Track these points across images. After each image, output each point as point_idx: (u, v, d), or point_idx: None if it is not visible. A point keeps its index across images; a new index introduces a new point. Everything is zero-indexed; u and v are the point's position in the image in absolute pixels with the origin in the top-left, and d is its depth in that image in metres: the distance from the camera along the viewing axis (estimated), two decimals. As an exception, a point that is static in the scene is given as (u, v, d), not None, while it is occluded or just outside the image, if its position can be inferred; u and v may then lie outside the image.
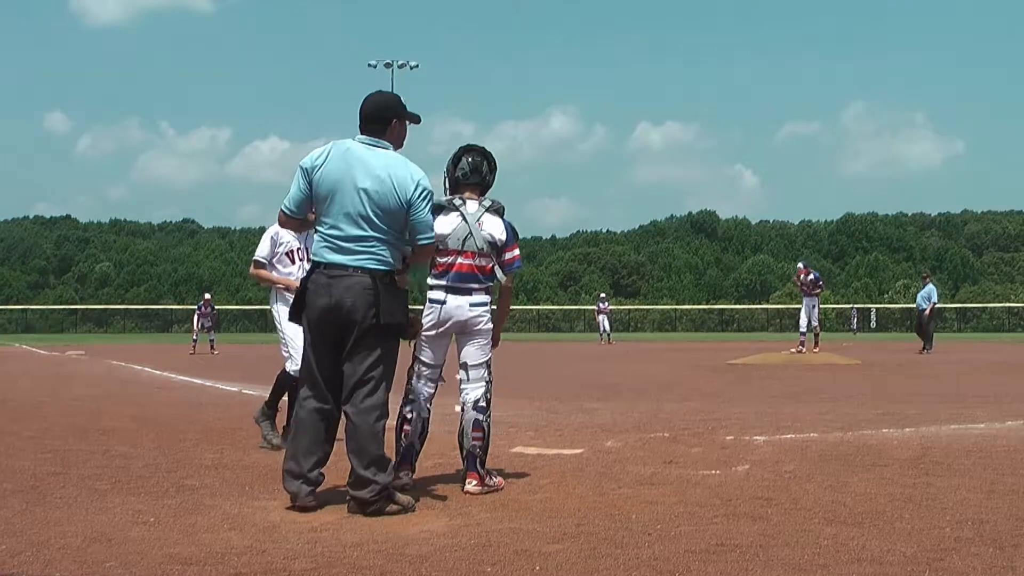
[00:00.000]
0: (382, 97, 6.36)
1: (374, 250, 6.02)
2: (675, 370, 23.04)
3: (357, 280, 5.97)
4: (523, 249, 8.26)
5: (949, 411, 11.82)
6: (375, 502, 5.87)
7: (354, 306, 5.94)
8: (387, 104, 6.31)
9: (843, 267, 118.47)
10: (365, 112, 6.24)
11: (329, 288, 6.00)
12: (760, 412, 11.93)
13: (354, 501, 5.92)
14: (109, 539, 5.21)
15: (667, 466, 7.73)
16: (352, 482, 5.95)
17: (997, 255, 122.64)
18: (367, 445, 5.94)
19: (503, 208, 7.04)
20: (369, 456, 5.93)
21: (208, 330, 35.79)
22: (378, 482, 5.90)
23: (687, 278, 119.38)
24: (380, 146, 6.17)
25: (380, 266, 6.04)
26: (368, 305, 5.94)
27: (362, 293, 5.95)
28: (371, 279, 5.98)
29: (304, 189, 6.13)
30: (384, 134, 6.22)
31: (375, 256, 6.02)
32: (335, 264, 6.02)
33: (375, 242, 6.02)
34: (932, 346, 31.80)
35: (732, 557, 4.82)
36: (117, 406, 13.20)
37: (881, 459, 7.96)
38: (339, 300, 5.96)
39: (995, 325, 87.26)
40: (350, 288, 5.96)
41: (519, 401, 12.76)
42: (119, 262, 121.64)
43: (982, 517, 5.74)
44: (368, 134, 6.20)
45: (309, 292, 6.10)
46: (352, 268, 5.99)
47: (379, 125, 6.22)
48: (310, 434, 6.10)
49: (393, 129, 6.27)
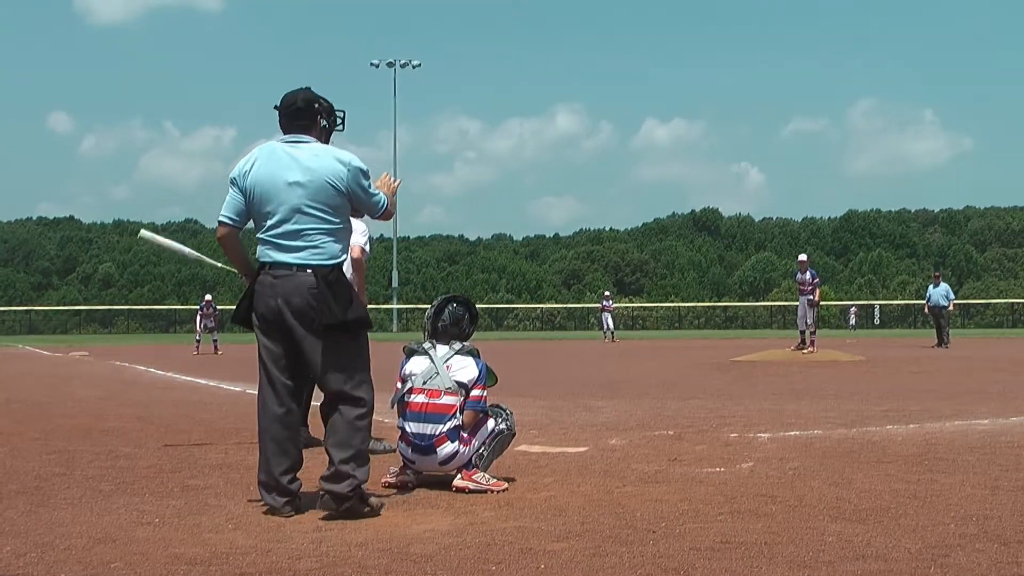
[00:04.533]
0: (306, 93, 6.24)
1: (316, 244, 5.95)
2: (678, 368, 23.03)
3: (301, 280, 5.91)
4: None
5: (953, 407, 11.82)
6: (350, 498, 5.76)
7: (301, 307, 5.88)
8: (312, 99, 6.22)
9: (846, 264, 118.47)
10: (292, 108, 6.15)
11: (275, 288, 5.94)
12: (764, 409, 11.92)
13: (329, 495, 5.79)
14: (114, 540, 5.22)
15: (671, 464, 7.73)
16: (329, 475, 5.83)
17: (1000, 251, 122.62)
18: (350, 439, 5.88)
19: (477, 351, 7.02)
20: (351, 450, 5.85)
21: (211, 330, 35.78)
22: (357, 477, 5.81)
23: (690, 276, 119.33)
24: (303, 140, 6.10)
25: (324, 260, 5.96)
26: (315, 304, 5.87)
27: (307, 293, 5.88)
28: (315, 277, 5.91)
29: (238, 197, 6.10)
30: (310, 131, 6.16)
31: (317, 250, 5.95)
32: (279, 263, 5.96)
33: (315, 234, 5.95)
34: (949, 341, 33.07)
35: (737, 554, 4.82)
36: (121, 407, 13.21)
37: (885, 456, 7.96)
38: (286, 301, 5.90)
39: (998, 321, 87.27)
40: (296, 288, 5.90)
41: (523, 400, 12.76)
42: (122, 263, 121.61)
43: (986, 513, 5.74)
44: (291, 132, 6.13)
45: (257, 294, 6.04)
46: (295, 267, 5.93)
47: (304, 122, 6.15)
48: (276, 442, 6.02)
49: (317, 125, 6.22)
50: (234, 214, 6.15)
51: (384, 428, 8.96)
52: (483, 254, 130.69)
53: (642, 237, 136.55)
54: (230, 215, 6.16)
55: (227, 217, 6.16)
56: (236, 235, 6.28)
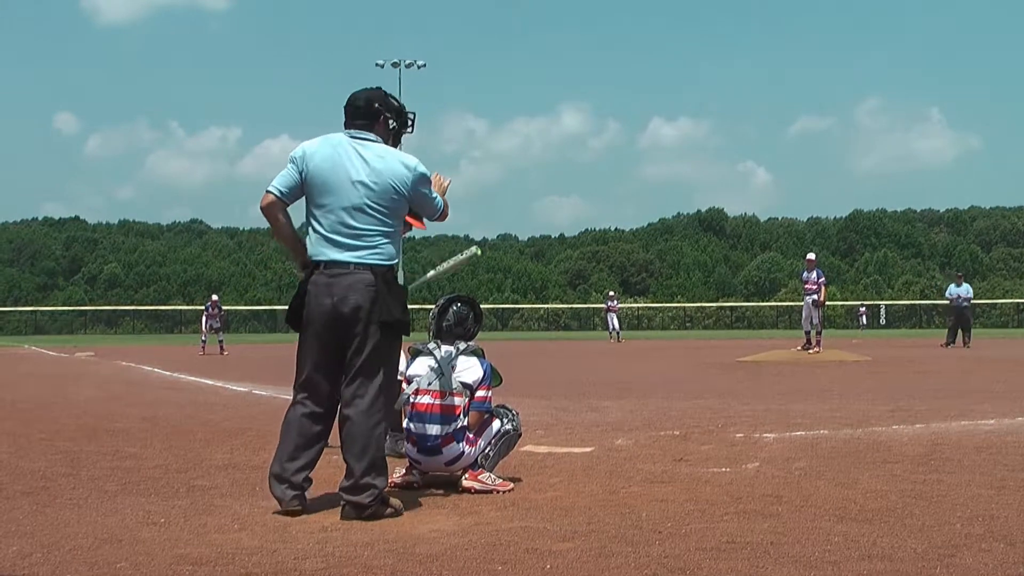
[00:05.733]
0: (370, 92, 6.24)
1: (375, 244, 5.93)
2: (684, 368, 23.03)
3: (359, 277, 5.88)
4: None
5: (959, 407, 11.80)
6: (372, 506, 5.75)
7: (358, 303, 5.84)
8: (375, 99, 6.20)
9: (852, 264, 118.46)
10: (353, 106, 6.16)
11: (331, 288, 5.89)
12: (770, 409, 11.91)
13: (350, 506, 5.77)
14: (119, 540, 5.22)
15: (677, 464, 7.72)
16: (349, 486, 5.79)
17: (1006, 251, 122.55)
18: (368, 448, 5.84)
19: (481, 350, 7.02)
20: (369, 459, 5.82)
21: (217, 331, 35.76)
22: (377, 486, 5.79)
23: (696, 276, 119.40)
24: (369, 139, 6.08)
25: (382, 260, 5.95)
26: (371, 302, 5.85)
27: (365, 290, 5.85)
28: (372, 275, 5.89)
29: (294, 175, 5.99)
30: (372, 129, 6.13)
31: (376, 251, 5.93)
32: (335, 262, 5.91)
33: (375, 235, 5.93)
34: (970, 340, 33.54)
35: (743, 555, 4.82)
36: (127, 407, 13.22)
37: (891, 456, 7.95)
38: (343, 299, 5.86)
39: (1003, 321, 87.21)
40: (352, 286, 5.86)
41: (529, 400, 12.75)
42: (128, 263, 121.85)
43: (993, 513, 5.73)
44: (355, 128, 6.12)
45: (311, 294, 5.96)
46: (353, 265, 5.90)
47: (367, 120, 6.13)
48: (298, 438, 5.99)
49: (381, 125, 6.19)
50: (284, 187, 6.01)
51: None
52: (488, 254, 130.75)
53: (647, 237, 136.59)
54: (280, 187, 6.01)
55: (276, 189, 6.01)
56: (282, 208, 6.09)
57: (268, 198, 6.04)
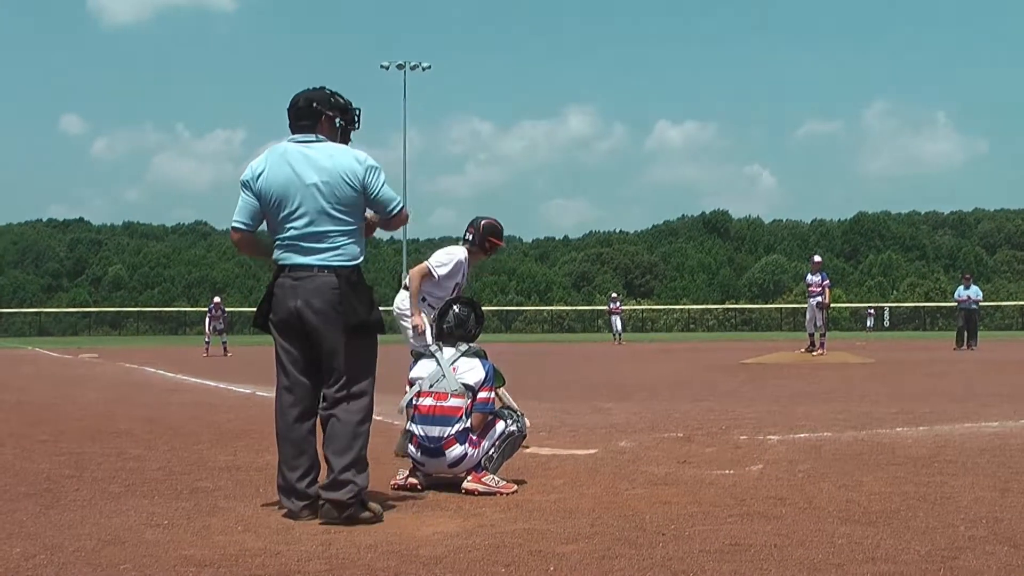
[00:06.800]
0: (310, 93, 6.18)
1: (337, 246, 5.91)
2: (688, 370, 23.01)
3: (323, 280, 5.87)
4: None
5: (963, 410, 11.80)
6: (351, 505, 5.71)
7: (321, 308, 5.85)
8: (314, 99, 6.14)
9: (856, 266, 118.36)
10: (294, 109, 6.11)
11: (295, 291, 5.90)
12: (773, 412, 11.91)
13: (329, 504, 5.74)
14: (123, 542, 5.23)
15: (681, 466, 7.72)
16: (328, 483, 5.78)
17: (1010, 253, 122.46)
18: (350, 445, 5.83)
19: (484, 352, 7.03)
20: (351, 457, 5.80)
21: (220, 332, 35.77)
22: (357, 483, 5.76)
23: (700, 278, 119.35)
24: (314, 140, 6.03)
25: (345, 262, 5.93)
26: (336, 305, 5.85)
27: (329, 293, 5.85)
28: (336, 277, 5.88)
29: (251, 201, 6.03)
30: (315, 130, 6.08)
31: (338, 252, 5.92)
32: (299, 266, 5.92)
33: (336, 236, 5.92)
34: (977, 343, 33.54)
35: (746, 557, 4.82)
36: (131, 409, 13.24)
37: (895, 458, 7.95)
38: (306, 302, 5.87)
39: (1007, 324, 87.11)
40: (317, 289, 5.86)
41: (532, 402, 12.75)
42: (132, 264, 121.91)
43: (996, 515, 5.73)
44: (297, 132, 6.08)
45: (277, 297, 5.99)
46: (316, 268, 5.90)
47: (309, 121, 6.08)
48: (292, 447, 6.02)
49: (323, 125, 6.13)
50: (247, 219, 6.10)
51: (394, 430, 8.95)
52: (493, 256, 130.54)
53: (652, 239, 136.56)
54: (244, 220, 6.10)
55: (240, 222, 6.11)
56: (251, 238, 6.23)
57: (235, 235, 6.20)
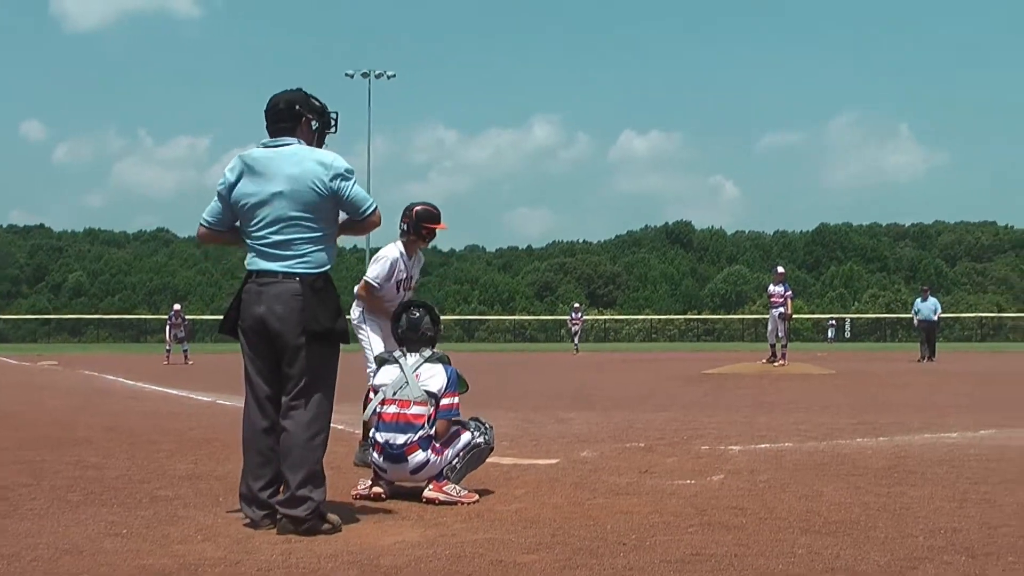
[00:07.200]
0: (290, 95, 6.14)
1: (302, 253, 5.87)
2: (650, 380, 23.06)
3: (286, 286, 5.84)
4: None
5: (922, 421, 11.88)
6: (309, 520, 5.68)
7: (284, 314, 5.81)
8: (295, 101, 6.10)
9: (818, 277, 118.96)
10: (273, 110, 6.06)
11: (260, 296, 5.88)
12: (735, 422, 11.95)
13: (286, 519, 5.70)
14: (81, 551, 5.18)
15: (642, 476, 7.74)
16: (285, 500, 5.74)
17: (970, 265, 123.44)
18: (304, 460, 5.77)
19: (447, 357, 7.02)
20: (305, 472, 5.75)
21: (181, 340, 35.55)
22: (313, 499, 5.72)
23: (663, 288, 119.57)
24: (286, 144, 5.99)
25: (309, 269, 5.89)
26: (297, 311, 5.81)
27: (291, 300, 5.82)
28: (299, 284, 5.84)
29: (220, 207, 6.06)
30: (294, 132, 6.05)
31: (303, 259, 5.88)
32: (265, 271, 5.90)
33: (302, 244, 5.88)
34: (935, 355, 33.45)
35: (707, 567, 4.83)
36: (90, 417, 13.14)
37: (855, 468, 7.99)
38: (269, 308, 5.84)
39: (967, 335, 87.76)
40: (279, 295, 5.83)
41: (494, 411, 12.74)
42: (93, 271, 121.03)
43: (955, 526, 5.77)
44: (276, 135, 6.03)
45: (244, 302, 5.98)
46: (281, 274, 5.87)
47: (289, 123, 6.05)
48: (257, 456, 5.97)
49: (303, 127, 6.10)
50: (211, 217, 6.13)
51: (355, 439, 8.93)
52: (456, 265, 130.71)
53: (615, 249, 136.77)
54: (208, 218, 6.14)
55: (205, 220, 6.15)
56: (214, 234, 6.23)
57: (200, 230, 6.25)
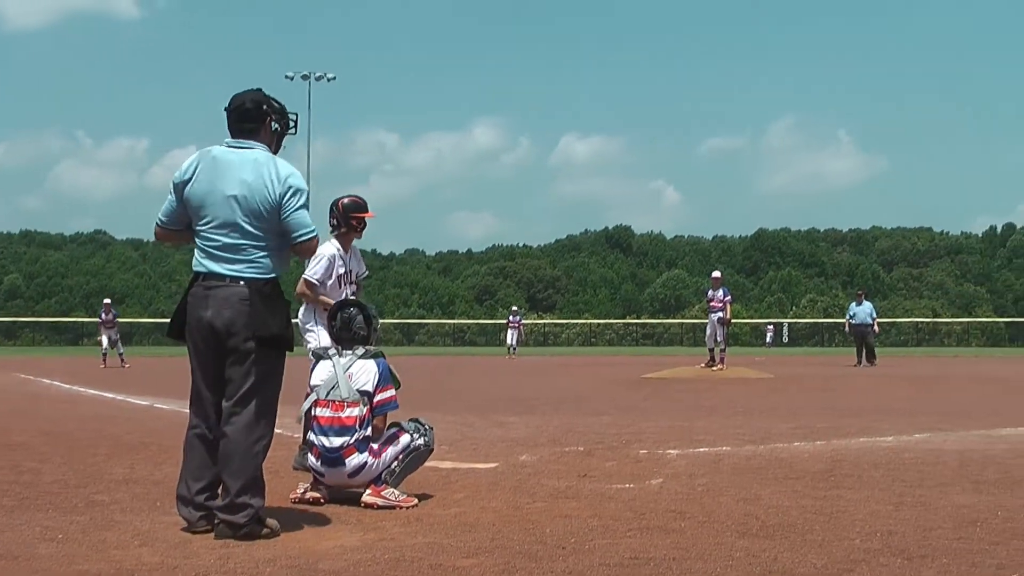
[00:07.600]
0: (255, 94, 6.07)
1: (251, 258, 5.82)
2: (590, 384, 23.11)
3: (234, 291, 5.77)
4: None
5: (859, 425, 12.00)
6: (247, 526, 5.64)
7: (230, 318, 5.74)
8: (262, 100, 6.05)
9: (756, 282, 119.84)
10: (240, 110, 5.99)
11: (206, 300, 5.81)
12: (673, 426, 12.01)
13: (224, 524, 5.66)
14: (15, 556, 5.13)
15: (581, 480, 7.76)
16: (225, 505, 5.68)
17: (906, 270, 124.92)
18: (244, 467, 5.72)
19: (381, 353, 7.00)
20: (245, 479, 5.69)
21: (115, 343, 34.96)
22: (252, 506, 5.67)
23: (602, 292, 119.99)
24: (248, 147, 5.93)
25: (258, 274, 5.83)
26: (245, 316, 5.74)
27: (238, 304, 5.75)
28: (247, 289, 5.78)
29: (175, 203, 5.96)
30: (258, 134, 6.00)
31: (253, 264, 5.82)
32: (213, 274, 5.83)
33: (251, 249, 5.82)
34: (876, 359, 33.46)
35: (646, 570, 4.85)
36: (26, 420, 12.98)
37: (793, 472, 8.06)
38: (217, 312, 5.77)
39: (903, 340, 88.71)
40: (227, 299, 5.76)
41: (433, 415, 12.70)
42: (29, 273, 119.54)
43: (890, 528, 5.83)
44: (239, 136, 5.98)
45: (189, 305, 5.90)
46: (229, 278, 5.80)
47: (255, 124, 6.00)
48: (198, 458, 5.90)
49: (266, 129, 6.05)
50: (165, 217, 6.04)
51: (294, 443, 8.89)
52: (396, 269, 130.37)
53: (555, 253, 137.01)
54: (162, 217, 6.06)
55: (160, 219, 6.08)
56: (170, 234, 6.12)
57: (157, 230, 6.17)
